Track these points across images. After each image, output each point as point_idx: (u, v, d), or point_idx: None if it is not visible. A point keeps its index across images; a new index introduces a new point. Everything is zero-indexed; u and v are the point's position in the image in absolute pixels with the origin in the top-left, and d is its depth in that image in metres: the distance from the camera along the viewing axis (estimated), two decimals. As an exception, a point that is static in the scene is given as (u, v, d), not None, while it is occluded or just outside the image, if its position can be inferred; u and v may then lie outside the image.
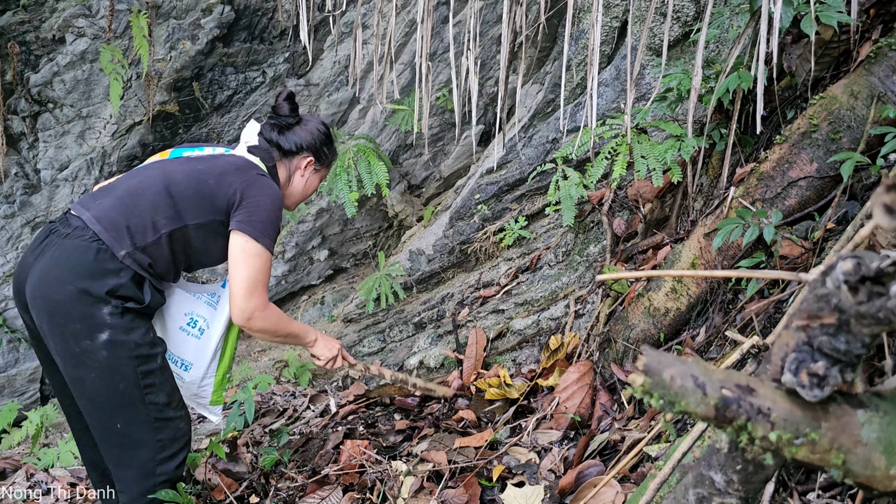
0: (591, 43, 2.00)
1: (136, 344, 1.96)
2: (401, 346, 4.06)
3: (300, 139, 2.31)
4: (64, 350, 1.92)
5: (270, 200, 2.11)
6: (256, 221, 2.06)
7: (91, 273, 1.90)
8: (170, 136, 4.13)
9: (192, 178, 2.08)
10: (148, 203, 2.01)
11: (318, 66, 4.26)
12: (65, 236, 1.95)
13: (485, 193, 3.74)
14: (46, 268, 1.92)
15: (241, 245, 2.05)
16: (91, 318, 1.89)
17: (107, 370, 1.92)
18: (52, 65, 3.83)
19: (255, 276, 2.07)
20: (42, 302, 1.91)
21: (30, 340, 2.14)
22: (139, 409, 1.98)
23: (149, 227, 1.99)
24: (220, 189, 2.07)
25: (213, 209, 2.06)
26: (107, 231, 1.94)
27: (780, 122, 2.44)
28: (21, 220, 4.01)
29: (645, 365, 0.83)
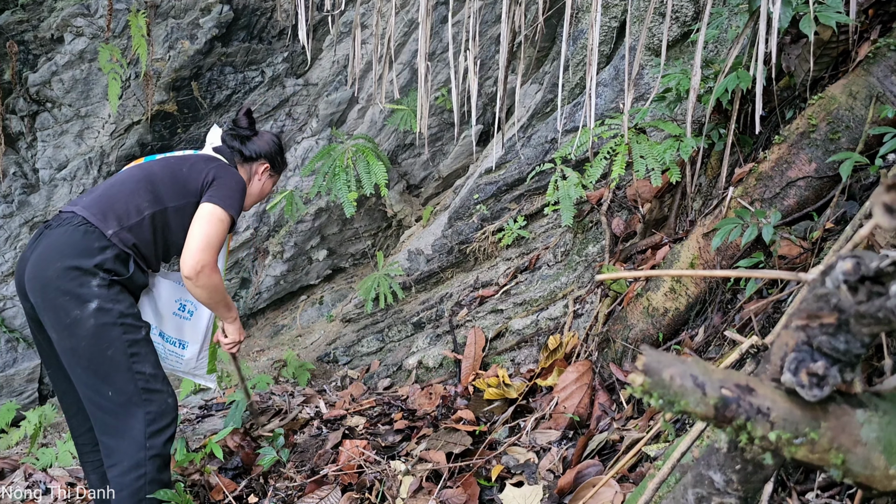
0: (590, 43, 2.00)
1: (122, 313, 2.13)
2: (399, 345, 4.06)
3: (259, 148, 2.64)
4: (56, 322, 2.09)
5: (236, 181, 2.41)
6: (224, 195, 2.33)
7: (80, 251, 2.10)
8: (168, 135, 4.13)
9: (167, 168, 2.37)
10: (130, 190, 2.26)
11: (317, 65, 4.26)
12: (55, 227, 2.17)
13: (483, 193, 3.74)
14: (39, 254, 2.12)
15: (209, 209, 2.29)
16: (80, 289, 2.08)
17: (95, 336, 2.08)
18: (50, 64, 3.82)
19: (213, 236, 2.28)
20: (35, 282, 2.10)
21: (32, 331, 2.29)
22: (127, 377, 2.12)
23: (132, 210, 2.22)
24: (193, 175, 2.35)
25: (188, 192, 2.32)
26: (94, 215, 2.16)
27: (779, 122, 2.44)
28: (19, 220, 4.01)
29: (644, 364, 0.83)
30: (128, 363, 2.13)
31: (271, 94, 4.22)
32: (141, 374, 2.14)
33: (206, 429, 3.46)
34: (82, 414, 2.33)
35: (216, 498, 2.60)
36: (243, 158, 2.62)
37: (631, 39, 3.14)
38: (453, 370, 3.45)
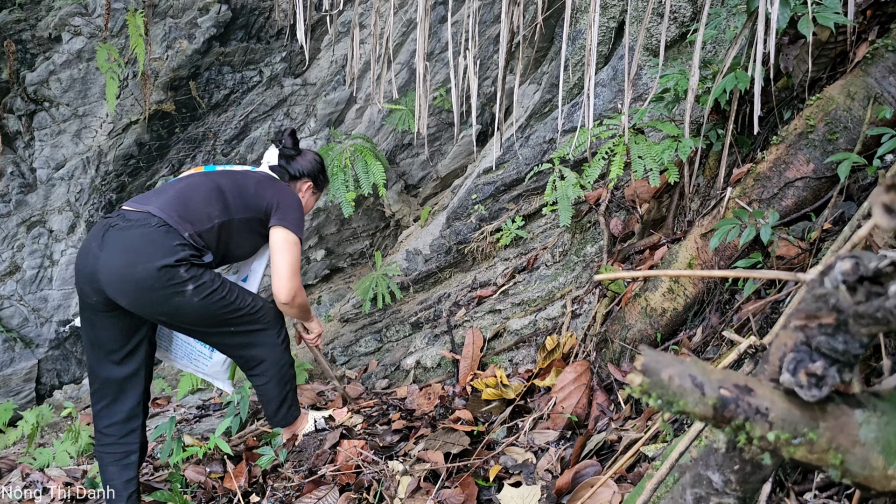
0: (589, 43, 2.00)
1: (212, 280, 2.47)
2: (397, 345, 4.06)
3: (302, 167, 2.93)
4: (159, 312, 2.42)
5: (297, 203, 2.74)
6: (292, 219, 2.66)
7: (164, 251, 2.36)
8: (166, 135, 4.12)
9: (235, 182, 2.66)
10: (202, 199, 2.53)
11: (315, 65, 4.26)
12: (127, 228, 2.39)
13: (482, 193, 3.74)
14: (121, 255, 2.36)
15: (283, 236, 2.63)
16: (173, 282, 2.36)
17: (203, 308, 2.44)
18: (48, 63, 3.82)
19: (296, 262, 2.65)
20: (123, 284, 2.34)
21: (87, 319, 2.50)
22: (238, 315, 2.54)
23: (204, 217, 2.50)
24: (260, 193, 2.65)
25: (255, 209, 2.62)
26: (171, 217, 2.43)
27: (777, 122, 2.44)
28: (17, 220, 4.00)
29: (643, 365, 0.83)
30: (236, 303, 2.52)
31: (269, 93, 4.22)
32: (246, 303, 2.56)
33: (204, 428, 3.46)
34: (116, 403, 2.55)
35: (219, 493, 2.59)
36: (290, 177, 2.91)
37: (629, 40, 3.15)
38: (451, 370, 3.45)
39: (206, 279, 2.45)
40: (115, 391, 2.54)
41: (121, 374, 2.53)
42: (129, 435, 2.57)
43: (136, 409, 2.59)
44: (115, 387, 2.54)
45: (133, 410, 2.58)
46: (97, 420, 2.57)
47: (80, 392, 4.22)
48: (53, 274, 4.12)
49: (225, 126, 4.21)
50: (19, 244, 4.03)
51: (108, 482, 2.55)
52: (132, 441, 2.58)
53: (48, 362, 4.19)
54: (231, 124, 4.21)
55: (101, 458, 2.57)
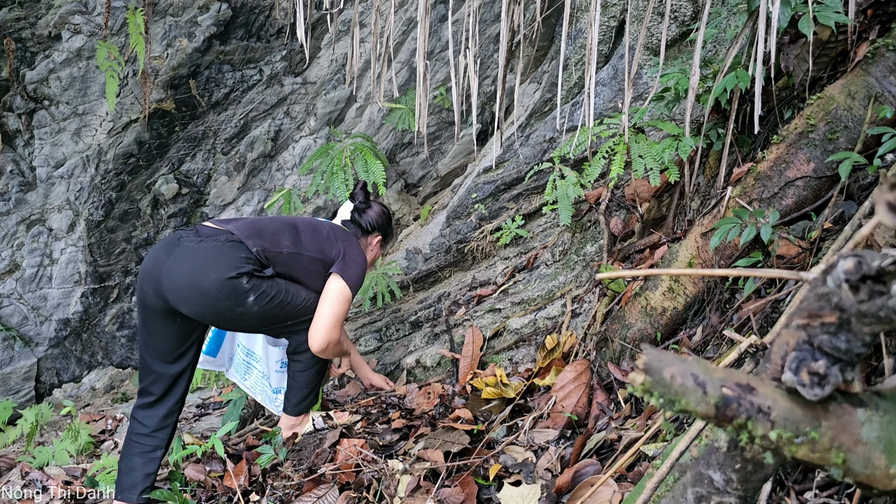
0: (589, 42, 2.00)
1: (269, 287, 2.56)
2: (397, 344, 4.06)
3: (373, 220, 3.06)
4: (222, 319, 2.58)
5: (362, 260, 2.84)
6: (352, 273, 2.75)
7: (230, 263, 2.48)
8: (166, 133, 4.12)
9: (311, 225, 2.83)
10: (277, 229, 2.70)
11: (315, 64, 4.26)
12: (198, 241, 2.53)
13: (482, 192, 3.74)
14: (190, 265, 2.48)
15: (338, 286, 2.72)
16: (236, 293, 2.49)
17: (263, 315, 2.57)
18: (48, 62, 3.81)
19: (340, 315, 2.71)
20: (189, 293, 2.47)
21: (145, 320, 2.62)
22: (297, 308, 2.65)
23: (274, 243, 2.64)
24: (330, 239, 2.80)
25: (322, 251, 2.75)
26: (241, 234, 2.58)
27: (778, 121, 2.44)
28: (16, 218, 4.00)
29: (645, 363, 0.83)
30: (293, 303, 2.63)
31: (269, 92, 4.21)
32: (302, 299, 2.66)
33: (204, 427, 3.46)
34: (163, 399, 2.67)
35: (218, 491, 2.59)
36: (362, 231, 3.05)
37: (630, 39, 3.15)
38: (451, 369, 3.45)
39: (265, 288, 2.55)
40: (163, 388, 2.66)
41: (173, 371, 2.66)
42: (162, 430, 2.67)
43: (175, 405, 2.70)
44: (165, 384, 2.66)
45: (173, 407, 2.69)
46: (138, 410, 2.68)
47: (80, 391, 4.22)
48: (53, 272, 4.12)
49: (225, 125, 4.21)
50: (19, 242, 4.02)
51: (128, 471, 2.62)
52: (163, 436, 2.67)
53: (47, 361, 4.18)
54: (231, 123, 4.21)
55: (130, 446, 2.65)
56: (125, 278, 4.27)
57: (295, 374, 2.85)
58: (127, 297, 4.30)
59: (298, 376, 2.85)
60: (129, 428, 2.68)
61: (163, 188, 4.17)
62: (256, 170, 4.33)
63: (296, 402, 2.88)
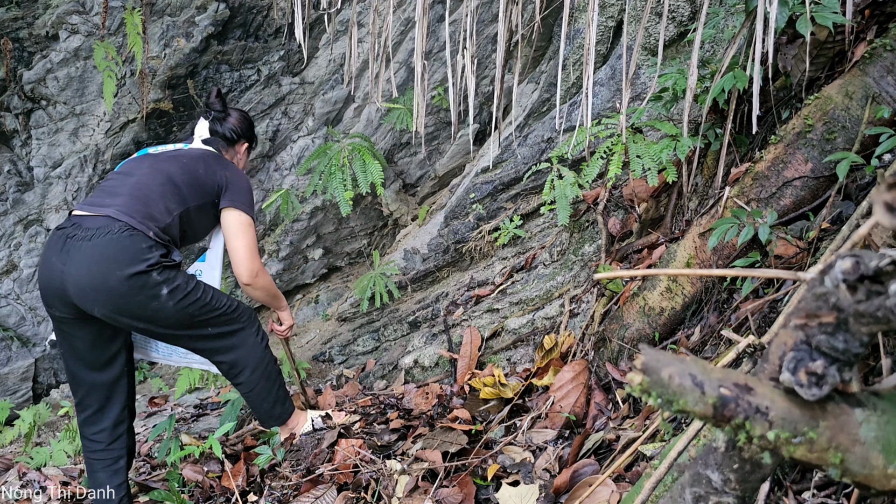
0: (587, 42, 2.00)
1: (185, 282, 2.45)
2: (395, 345, 4.06)
3: (235, 127, 2.89)
4: (137, 319, 2.39)
5: (246, 181, 2.73)
6: (244, 200, 2.65)
7: (133, 258, 2.32)
8: (164, 133, 4.11)
9: (184, 168, 2.60)
10: (158, 194, 2.50)
11: (314, 64, 4.25)
12: (90, 237, 2.33)
13: (480, 192, 3.74)
14: (88, 267, 2.30)
15: (237, 218, 2.62)
16: (147, 287, 2.34)
17: (179, 312, 2.43)
18: (45, 62, 3.81)
19: (252, 243, 2.65)
20: (97, 294, 2.30)
21: (61, 332, 2.48)
22: (215, 315, 2.54)
23: (164, 211, 2.48)
24: (209, 177, 2.61)
25: (206, 193, 2.60)
26: (135, 219, 2.38)
27: (776, 121, 2.44)
28: (14, 218, 3.99)
29: (643, 363, 0.83)
30: (210, 307, 2.52)
31: (267, 92, 4.21)
32: (220, 305, 2.55)
33: (202, 427, 3.45)
34: (103, 411, 2.55)
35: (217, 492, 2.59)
36: (227, 142, 2.88)
37: (628, 39, 3.14)
38: (449, 369, 3.45)
39: (180, 282, 2.43)
40: (100, 398, 2.55)
41: (105, 379, 2.53)
42: (117, 441, 2.58)
43: (122, 414, 2.59)
44: (101, 393, 2.54)
45: (119, 416, 2.58)
46: (84, 427, 2.57)
47: (78, 391, 4.22)
48: (50, 273, 4.11)
49: (223, 125, 4.20)
50: (16, 243, 4.02)
51: (98, 487, 2.55)
52: (120, 446, 2.58)
53: (45, 361, 4.18)
54: (229, 123, 4.21)
55: (91, 464, 2.57)
56: (123, 278, 4.27)
57: (249, 395, 2.74)
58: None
59: (252, 395, 2.74)
60: (84, 447, 2.59)
61: (160, 188, 4.17)
62: (254, 170, 4.33)
63: (268, 415, 2.80)
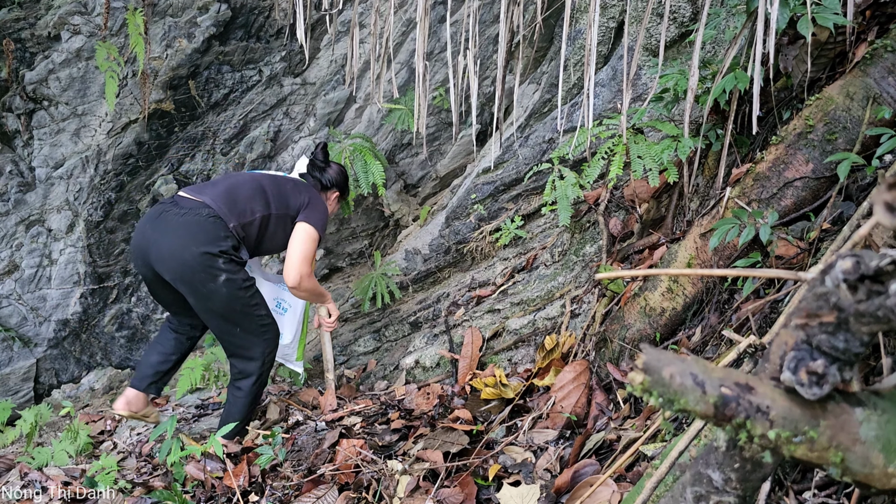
0: (588, 43, 2.01)
1: (243, 280, 2.85)
2: (396, 345, 4.06)
3: (332, 178, 3.39)
4: (194, 291, 2.79)
5: (324, 207, 3.16)
6: (316, 218, 3.07)
7: (210, 239, 2.76)
8: (165, 134, 4.12)
9: (276, 183, 3.10)
10: (247, 195, 2.96)
11: (315, 64, 4.26)
12: (182, 214, 2.80)
13: (481, 193, 3.75)
14: (172, 237, 2.76)
15: (305, 229, 3.03)
16: (211, 268, 2.76)
17: (228, 300, 2.82)
18: (47, 62, 3.81)
19: (308, 252, 3.02)
20: (171, 262, 2.76)
21: (151, 289, 3.02)
22: (251, 320, 2.92)
23: (248, 211, 2.92)
24: (295, 194, 3.09)
25: (289, 207, 3.05)
26: (220, 208, 2.84)
27: (777, 122, 2.44)
28: (15, 219, 3.99)
29: (644, 363, 0.83)
30: (251, 311, 2.90)
31: (269, 93, 4.22)
32: (260, 315, 2.94)
33: (203, 427, 3.45)
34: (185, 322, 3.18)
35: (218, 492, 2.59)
36: (321, 187, 3.37)
37: (629, 40, 3.15)
38: (450, 370, 3.45)
39: (239, 276, 2.83)
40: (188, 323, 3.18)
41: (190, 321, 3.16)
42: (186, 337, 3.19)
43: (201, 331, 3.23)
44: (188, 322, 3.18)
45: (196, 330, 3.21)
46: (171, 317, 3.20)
47: (79, 391, 4.22)
48: (52, 273, 4.11)
49: (224, 125, 4.21)
50: (18, 243, 4.02)
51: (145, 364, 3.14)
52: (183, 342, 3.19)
53: (46, 361, 4.18)
54: (230, 123, 4.21)
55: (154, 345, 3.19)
56: (124, 279, 4.27)
57: (234, 401, 3.03)
58: (126, 297, 4.30)
59: (237, 404, 3.02)
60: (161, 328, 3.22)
61: (162, 189, 4.17)
62: (255, 170, 4.33)
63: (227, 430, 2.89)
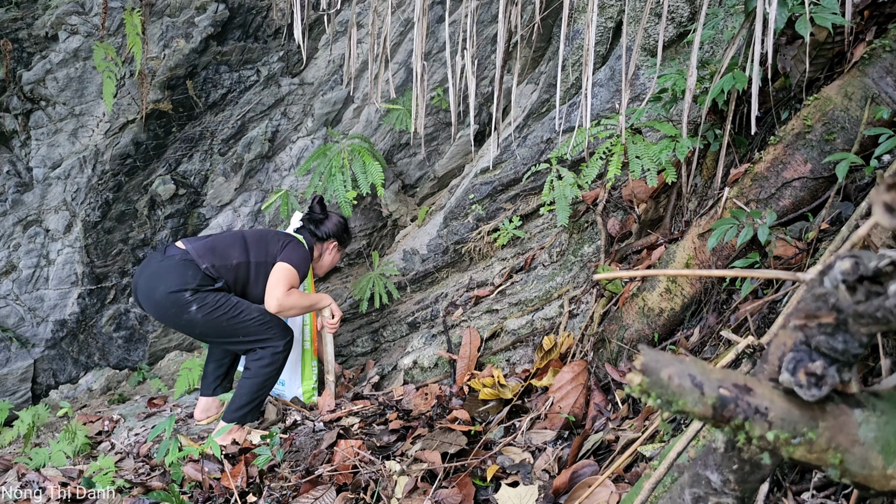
0: (587, 43, 2.00)
1: (215, 300, 3.02)
2: (394, 345, 4.06)
3: (328, 230, 3.52)
4: (176, 325, 3.06)
5: (302, 251, 3.29)
6: (291, 258, 3.20)
7: (177, 280, 2.99)
8: (163, 134, 4.11)
9: (258, 233, 3.32)
10: (227, 243, 3.18)
11: (313, 65, 4.25)
12: (161, 260, 3.07)
13: (479, 193, 3.74)
14: (148, 279, 3.04)
15: (279, 266, 3.17)
16: (179, 303, 2.98)
17: (207, 323, 3.02)
18: (44, 62, 3.81)
19: (284, 283, 3.12)
20: (148, 304, 3.06)
21: None
22: (246, 324, 3.08)
23: (225, 256, 3.12)
24: (273, 242, 3.26)
25: (268, 254, 3.21)
26: (195, 253, 3.08)
27: (775, 122, 2.44)
28: (13, 219, 3.99)
29: (643, 364, 0.83)
30: (240, 319, 3.06)
31: (266, 93, 4.21)
32: (252, 317, 3.09)
33: (201, 428, 3.45)
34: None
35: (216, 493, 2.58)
36: (317, 238, 3.51)
37: (627, 40, 3.15)
38: (448, 370, 3.45)
39: (210, 300, 3.00)
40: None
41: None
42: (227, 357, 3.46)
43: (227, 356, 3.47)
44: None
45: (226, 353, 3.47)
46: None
47: (77, 392, 4.21)
48: (49, 273, 4.11)
49: (222, 125, 4.20)
50: (15, 243, 4.01)
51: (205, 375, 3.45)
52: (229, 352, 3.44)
53: (44, 362, 4.17)
54: (228, 124, 4.21)
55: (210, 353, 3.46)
56: (122, 279, 4.26)
57: (242, 382, 3.16)
58: (124, 298, 4.29)
59: (244, 383, 3.15)
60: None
61: (160, 189, 4.16)
62: (254, 171, 4.33)
63: (235, 408, 3.15)
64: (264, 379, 3.14)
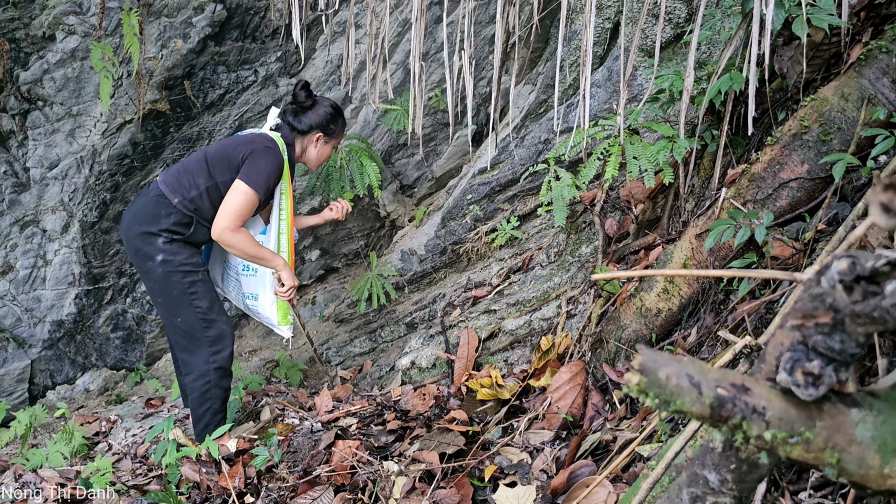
0: (584, 44, 2.01)
1: (182, 263, 2.84)
2: (392, 346, 4.06)
3: (311, 121, 3.10)
4: (140, 271, 2.91)
5: (266, 161, 2.87)
6: (251, 173, 2.83)
7: (150, 218, 2.82)
8: (161, 134, 4.11)
9: (220, 148, 2.94)
10: (192, 169, 2.89)
11: (311, 65, 4.25)
12: (139, 196, 2.94)
13: (477, 194, 3.74)
14: (126, 218, 2.92)
15: (237, 185, 2.83)
16: (148, 248, 2.81)
17: (163, 281, 2.83)
18: (42, 62, 3.80)
19: (236, 207, 2.81)
20: (125, 242, 2.93)
21: None
22: (189, 310, 2.86)
23: (192, 184, 2.85)
24: (235, 154, 2.88)
25: (232, 169, 2.87)
26: (166, 187, 2.85)
27: (772, 123, 2.45)
28: (10, 219, 3.98)
29: (640, 364, 0.83)
30: (189, 300, 2.86)
31: (264, 93, 4.21)
32: (199, 308, 2.87)
33: (198, 429, 3.44)
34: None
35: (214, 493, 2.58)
36: (298, 132, 3.11)
37: (624, 40, 3.15)
38: (446, 371, 3.45)
39: (178, 258, 2.83)
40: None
41: None
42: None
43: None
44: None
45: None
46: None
47: (74, 392, 4.20)
48: (47, 274, 4.10)
49: (220, 126, 4.20)
50: (12, 244, 4.01)
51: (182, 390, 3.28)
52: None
53: (41, 363, 4.17)
54: (226, 124, 4.20)
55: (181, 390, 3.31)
56: (119, 280, 4.25)
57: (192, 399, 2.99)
58: (121, 298, 4.28)
59: (191, 399, 2.99)
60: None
61: (157, 189, 4.16)
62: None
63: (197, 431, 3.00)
64: (200, 394, 2.93)
